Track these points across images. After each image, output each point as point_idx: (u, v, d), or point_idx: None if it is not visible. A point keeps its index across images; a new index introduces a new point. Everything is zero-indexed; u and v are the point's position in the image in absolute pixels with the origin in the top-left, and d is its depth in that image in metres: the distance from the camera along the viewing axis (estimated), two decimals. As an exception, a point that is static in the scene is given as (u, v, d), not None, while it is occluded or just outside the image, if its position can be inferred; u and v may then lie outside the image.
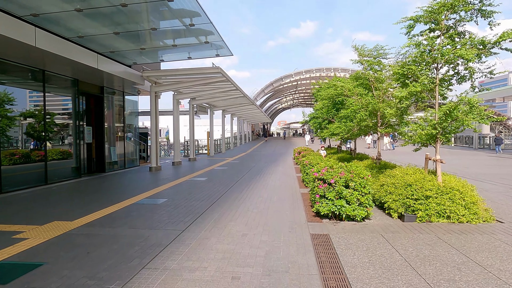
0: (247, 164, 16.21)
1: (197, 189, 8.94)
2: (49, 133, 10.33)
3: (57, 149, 10.71)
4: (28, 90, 9.41)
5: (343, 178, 5.75)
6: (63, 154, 10.95)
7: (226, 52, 11.75)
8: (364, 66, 10.09)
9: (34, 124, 9.75)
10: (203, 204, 7.05)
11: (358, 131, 10.26)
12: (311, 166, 9.18)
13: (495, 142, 23.71)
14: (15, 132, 9.33)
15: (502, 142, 23.48)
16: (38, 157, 9.80)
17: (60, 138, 10.92)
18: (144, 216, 6.02)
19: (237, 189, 8.97)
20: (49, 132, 10.33)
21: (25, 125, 9.60)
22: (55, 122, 10.64)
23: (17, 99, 9.05)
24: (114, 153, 14.39)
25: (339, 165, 6.55)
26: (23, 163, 9.36)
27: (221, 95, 18.94)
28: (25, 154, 9.45)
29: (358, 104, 9.94)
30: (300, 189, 9.03)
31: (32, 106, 9.64)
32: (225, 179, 10.99)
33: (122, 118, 14.78)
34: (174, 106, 16.22)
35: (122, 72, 11.64)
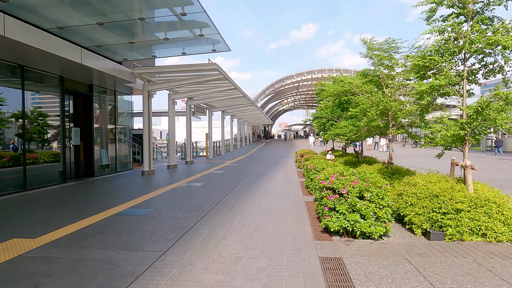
0: (246, 168, 15.32)
1: (189, 197, 8.04)
2: (30, 134, 9.47)
3: (39, 152, 9.83)
4: (3, 87, 8.55)
5: (356, 188, 4.85)
6: (46, 157, 10.08)
7: (223, 47, 10.88)
8: (374, 61, 9.20)
9: (11, 125, 8.88)
10: (194, 215, 6.15)
11: (367, 132, 9.36)
12: (316, 172, 8.28)
13: (495, 144, 23.73)
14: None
15: (502, 145, 23.50)
16: (15, 161, 8.92)
17: (42, 140, 10.05)
18: (123, 231, 5.12)
19: (233, 196, 8.08)
20: (30, 133, 9.46)
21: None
22: (37, 123, 9.78)
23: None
24: (105, 156, 13.52)
25: (350, 171, 5.65)
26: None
27: (219, 95, 18.07)
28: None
29: (367, 102, 9.04)
30: (304, 196, 8.12)
31: (9, 104, 8.78)
32: (222, 184, 10.09)
33: (114, 119, 13.92)
34: (170, 107, 15.35)
35: (111, 69, 10.79)
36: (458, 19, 5.67)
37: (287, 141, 56.63)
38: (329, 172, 5.82)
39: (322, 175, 5.66)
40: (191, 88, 15.59)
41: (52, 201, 7.83)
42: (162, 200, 7.73)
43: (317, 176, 7.79)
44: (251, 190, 9.03)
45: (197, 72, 12.07)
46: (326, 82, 13.24)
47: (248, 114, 34.07)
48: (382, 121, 8.91)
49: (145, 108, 12.68)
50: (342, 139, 10.50)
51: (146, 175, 12.66)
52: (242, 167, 15.62)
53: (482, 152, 27.34)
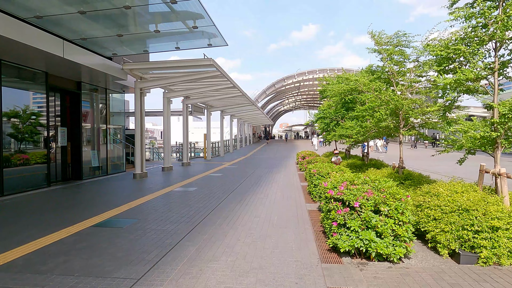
0: (245, 170, 14.54)
1: (180, 204, 7.27)
2: (9, 134, 8.71)
3: (18, 153, 9.07)
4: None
5: (371, 200, 4.06)
6: (27, 159, 9.32)
7: (220, 41, 10.12)
8: (383, 56, 8.43)
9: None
10: (181, 228, 5.37)
11: (375, 133, 8.57)
12: (321, 177, 7.50)
13: None
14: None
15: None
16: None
17: (23, 140, 9.29)
18: (95, 249, 4.35)
19: (229, 204, 7.30)
20: (9, 133, 8.70)
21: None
22: (18, 122, 9.02)
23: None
24: (95, 158, 12.76)
25: (361, 179, 4.86)
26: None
27: (217, 94, 17.31)
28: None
29: (376, 101, 8.26)
30: (307, 204, 7.34)
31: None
32: (218, 189, 9.31)
33: (105, 118, 13.16)
34: (164, 106, 14.58)
35: (99, 64, 10.02)
36: (488, 3, 4.89)
37: (288, 141, 56.32)
38: (337, 179, 5.04)
39: (329, 183, 4.88)
40: (187, 86, 14.82)
41: (27, 209, 7.07)
42: (149, 208, 6.96)
43: (321, 182, 7.01)
44: (249, 196, 8.25)
45: (192, 68, 11.31)
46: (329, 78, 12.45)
47: (248, 114, 33.31)
48: (392, 122, 8.13)
49: (137, 107, 11.92)
50: (348, 141, 9.71)
51: (138, 178, 11.89)
52: (241, 170, 14.85)
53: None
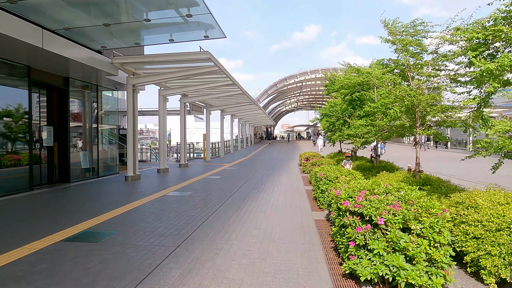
0: (245, 172, 13.71)
1: (170, 212, 6.45)
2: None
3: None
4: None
5: (399, 215, 3.23)
6: (6, 160, 8.53)
7: (217, 33, 9.31)
8: (397, 47, 7.58)
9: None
10: (166, 244, 4.55)
11: (388, 133, 7.73)
12: (329, 182, 6.67)
13: None
14: None
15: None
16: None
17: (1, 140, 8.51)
18: (55, 274, 3.54)
19: (225, 212, 6.48)
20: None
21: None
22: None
23: None
24: (85, 159, 11.98)
25: (381, 187, 4.03)
26: None
27: (216, 92, 16.50)
28: None
29: (390, 96, 7.42)
30: (313, 212, 6.51)
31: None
32: (214, 194, 8.50)
33: (97, 117, 12.37)
34: (160, 104, 13.79)
35: (87, 58, 9.22)
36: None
37: (289, 142, 55.82)
38: (352, 187, 4.21)
39: (343, 191, 4.05)
40: (183, 83, 14.02)
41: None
42: (135, 216, 6.14)
43: (330, 188, 6.18)
44: (248, 202, 7.43)
45: (187, 63, 10.50)
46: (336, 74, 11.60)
47: (249, 114, 32.52)
48: (408, 120, 7.29)
49: (129, 104, 11.12)
50: (357, 141, 8.85)
51: (130, 181, 11.09)
52: (241, 171, 14.02)
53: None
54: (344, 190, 4.11)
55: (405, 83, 7.86)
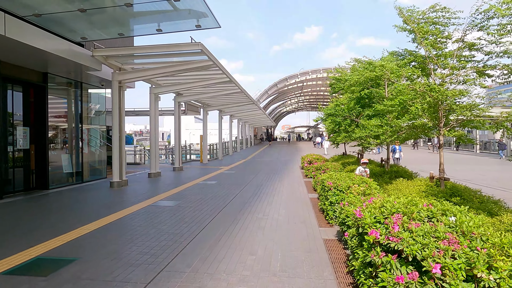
0: (243, 177, 12.67)
1: (149, 229, 5.41)
2: None
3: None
4: None
5: (461, 259, 2.17)
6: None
7: (211, 22, 8.29)
8: (417, 36, 6.54)
9: None
10: (133, 280, 3.51)
11: (406, 134, 6.68)
12: (339, 192, 5.62)
13: (498, 148, 23.68)
14: None
15: (505, 148, 23.13)
16: None
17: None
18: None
19: (216, 229, 5.43)
20: None
21: None
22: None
23: None
24: (68, 163, 10.95)
25: (422, 208, 2.98)
26: None
27: (213, 90, 15.47)
28: None
29: (409, 92, 6.38)
30: (320, 228, 5.47)
31: None
32: (206, 204, 7.45)
33: (81, 117, 11.33)
34: (151, 102, 12.76)
35: (62, 50, 8.19)
36: None
37: (290, 143, 55.07)
38: (377, 206, 3.16)
39: (367, 213, 3.00)
40: (176, 80, 12.99)
41: None
42: (105, 236, 5.09)
43: (341, 199, 5.14)
44: (244, 215, 6.38)
45: (178, 56, 9.47)
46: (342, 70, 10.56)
47: (249, 114, 31.49)
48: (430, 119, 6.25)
49: (115, 103, 10.09)
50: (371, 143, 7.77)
51: (116, 187, 10.04)
52: (239, 176, 12.98)
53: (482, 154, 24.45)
54: (368, 211, 3.07)
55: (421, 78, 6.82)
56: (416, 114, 5.95)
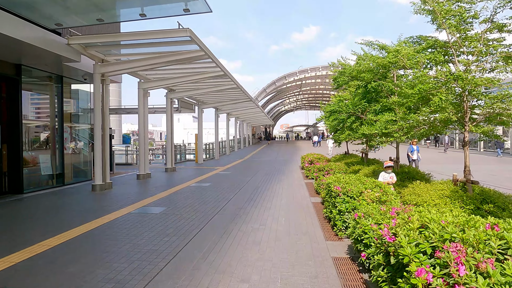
0: (240, 178, 11.77)
1: (120, 247, 4.49)
2: None
3: None
4: None
5: None
6: None
7: (201, 6, 7.38)
8: (437, 16, 5.64)
9: None
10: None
11: (424, 130, 5.78)
12: (350, 199, 4.74)
13: (495, 145, 23.76)
14: None
15: (503, 146, 23.25)
16: None
17: None
18: None
19: (202, 244, 4.53)
20: None
21: None
22: None
23: None
24: (47, 164, 10.01)
25: (482, 228, 2.07)
26: None
27: (207, 86, 14.55)
28: None
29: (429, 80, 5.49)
30: (328, 242, 4.58)
31: None
32: (195, 211, 6.54)
33: (62, 114, 10.39)
34: (140, 99, 11.84)
35: (34, 37, 7.25)
36: None
37: (288, 142, 54.52)
38: (416, 225, 2.27)
39: (403, 237, 2.11)
40: (165, 73, 12.08)
41: None
42: (68, 254, 4.18)
43: (353, 207, 4.26)
44: (237, 225, 5.47)
45: (166, 45, 8.54)
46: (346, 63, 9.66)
47: (247, 113, 30.59)
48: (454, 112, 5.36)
49: (97, 98, 9.15)
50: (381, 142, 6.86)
51: (98, 190, 9.12)
52: (235, 177, 12.07)
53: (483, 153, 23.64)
54: (403, 234, 2.16)
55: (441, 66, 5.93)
56: (439, 107, 5.07)
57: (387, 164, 6.27)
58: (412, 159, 12.41)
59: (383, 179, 6.12)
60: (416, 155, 12.39)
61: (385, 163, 6.23)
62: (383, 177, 6.18)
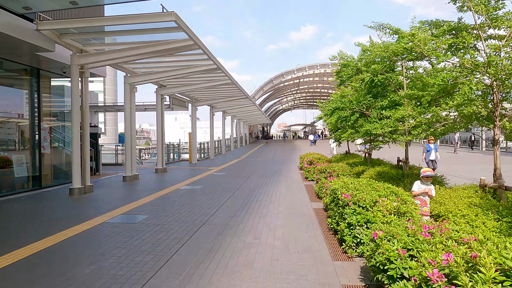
0: (234, 180, 10.91)
1: (81, 270, 3.64)
2: None
3: None
4: None
5: None
6: None
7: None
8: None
9: None
10: None
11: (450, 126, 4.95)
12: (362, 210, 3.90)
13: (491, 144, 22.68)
14: None
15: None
16: None
17: None
18: None
19: (179, 270, 3.68)
20: None
21: None
22: None
23: None
24: (21, 165, 9.12)
25: None
26: None
27: (200, 81, 13.68)
28: None
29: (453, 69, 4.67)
30: (335, 263, 3.75)
31: None
32: (179, 221, 5.68)
33: (39, 111, 9.50)
34: (126, 94, 10.96)
35: None
36: None
37: (286, 141, 53.97)
38: (490, 262, 1.41)
39: (466, 281, 1.26)
40: (154, 67, 11.21)
41: None
42: (5, 282, 3.32)
43: (375, 229, 3.41)
44: (226, 240, 4.62)
45: (150, 33, 7.67)
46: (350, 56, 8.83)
47: (243, 111, 29.74)
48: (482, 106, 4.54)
49: (74, 93, 8.25)
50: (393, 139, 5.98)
51: (76, 194, 8.24)
52: (229, 179, 11.22)
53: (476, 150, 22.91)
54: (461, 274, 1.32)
55: (470, 49, 5.11)
56: (468, 99, 4.24)
57: (426, 173, 4.70)
58: (430, 159, 10.72)
59: (418, 189, 4.72)
60: (434, 154, 10.67)
61: (423, 171, 4.75)
62: (418, 187, 4.75)
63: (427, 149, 10.66)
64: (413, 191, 4.73)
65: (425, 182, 4.69)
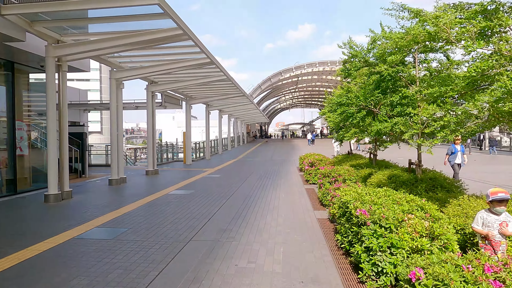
0: (229, 183, 10.09)
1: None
2: None
3: None
4: None
5: None
6: None
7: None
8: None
9: None
10: None
11: (483, 124, 4.14)
12: (384, 231, 3.07)
13: (489, 144, 23.31)
14: None
15: (496, 143, 22.90)
16: None
17: None
18: None
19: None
20: None
21: None
22: None
23: None
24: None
25: None
26: None
27: (193, 77, 12.84)
28: None
29: (486, 57, 3.87)
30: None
31: None
32: (160, 236, 4.86)
33: (12, 109, 8.62)
34: (112, 91, 10.10)
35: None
36: None
37: (284, 140, 53.44)
38: None
39: None
40: (142, 61, 10.35)
41: None
42: None
43: (411, 265, 2.57)
44: (213, 264, 3.80)
45: (134, 20, 6.78)
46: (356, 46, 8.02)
47: (241, 110, 28.89)
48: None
49: (50, 88, 7.39)
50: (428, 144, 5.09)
51: (52, 201, 7.39)
52: (224, 182, 10.40)
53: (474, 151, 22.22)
54: None
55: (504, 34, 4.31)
56: (509, 92, 3.44)
57: (498, 194, 2.99)
58: (456, 162, 9.24)
59: (487, 226, 3.03)
60: (461, 157, 9.18)
61: (491, 193, 3.03)
62: (488, 221, 3.03)
63: (452, 150, 9.22)
64: (475, 228, 3.11)
65: (497, 209, 3.00)
